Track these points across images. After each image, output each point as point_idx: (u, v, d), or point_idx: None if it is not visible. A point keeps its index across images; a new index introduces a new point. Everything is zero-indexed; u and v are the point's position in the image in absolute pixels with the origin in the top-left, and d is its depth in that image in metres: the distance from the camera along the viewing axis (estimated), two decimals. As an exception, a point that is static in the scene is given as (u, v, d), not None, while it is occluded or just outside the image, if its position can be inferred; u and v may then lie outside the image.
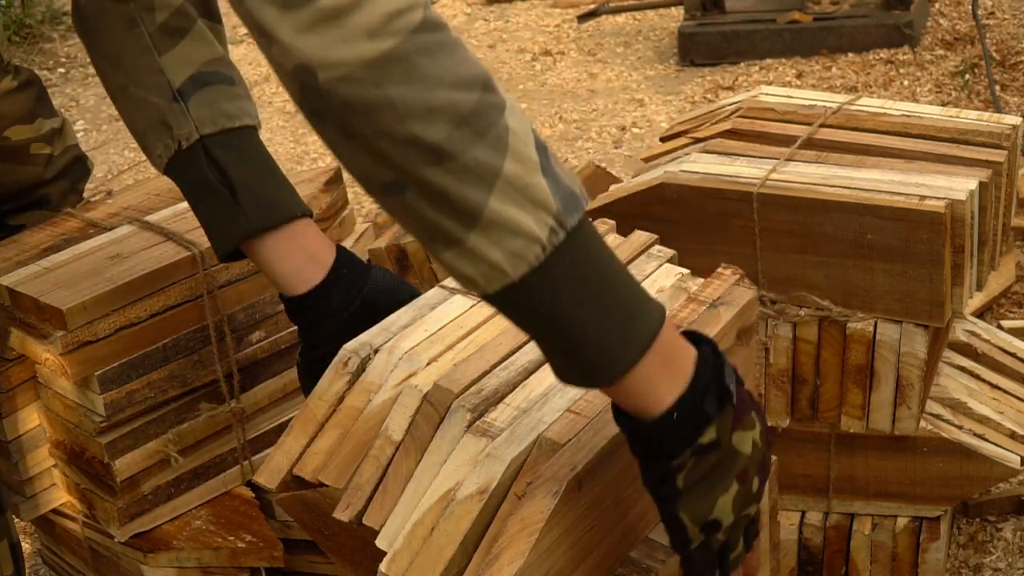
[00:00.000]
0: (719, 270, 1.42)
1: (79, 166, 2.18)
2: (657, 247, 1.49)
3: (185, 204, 1.83)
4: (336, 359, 1.36)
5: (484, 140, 0.97)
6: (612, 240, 1.52)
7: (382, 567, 1.15)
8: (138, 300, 1.69)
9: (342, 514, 1.23)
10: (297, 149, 4.43)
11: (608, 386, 1.05)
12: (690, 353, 1.07)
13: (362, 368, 1.33)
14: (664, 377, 1.04)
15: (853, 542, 1.95)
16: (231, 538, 1.76)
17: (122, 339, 1.68)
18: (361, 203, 3.83)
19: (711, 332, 1.31)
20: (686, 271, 1.44)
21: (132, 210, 1.94)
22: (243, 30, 5.91)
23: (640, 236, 1.50)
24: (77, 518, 1.86)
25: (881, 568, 1.96)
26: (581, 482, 1.15)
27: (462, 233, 0.98)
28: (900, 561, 1.95)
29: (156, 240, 1.80)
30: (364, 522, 1.22)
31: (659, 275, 1.44)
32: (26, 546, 2.38)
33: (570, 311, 1.00)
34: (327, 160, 4.29)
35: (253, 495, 1.87)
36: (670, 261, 1.47)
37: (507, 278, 0.99)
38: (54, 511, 1.89)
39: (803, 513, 1.97)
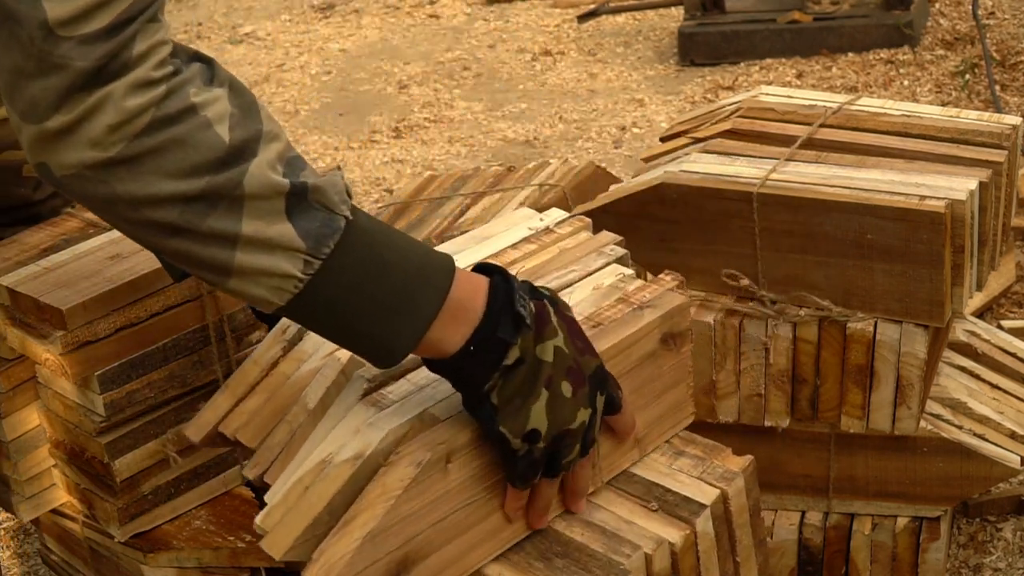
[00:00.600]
0: (661, 275, 1.44)
1: None
2: (612, 246, 1.51)
3: None
4: (276, 327, 1.41)
5: (216, 211, 1.10)
6: (579, 238, 1.54)
7: (257, 519, 1.22)
8: (138, 300, 1.69)
9: (250, 472, 1.30)
10: (297, 149, 4.43)
11: (419, 353, 1.19)
12: (481, 291, 1.19)
13: (299, 337, 1.38)
14: (454, 326, 1.17)
15: (853, 542, 1.95)
16: (231, 538, 1.76)
17: (122, 339, 1.68)
18: (361, 203, 3.83)
19: (628, 331, 1.35)
20: (629, 271, 1.47)
21: (132, 210, 1.94)
22: (243, 29, 5.91)
23: (604, 236, 1.53)
24: (77, 518, 1.86)
25: (881, 568, 1.96)
26: (450, 456, 1.20)
27: (222, 280, 1.13)
28: (900, 561, 1.95)
29: None
30: (265, 480, 1.28)
31: (602, 273, 1.47)
32: (26, 546, 2.38)
33: (345, 317, 1.15)
34: (327, 160, 4.29)
35: (253, 495, 1.87)
36: (621, 261, 1.48)
37: (275, 305, 1.13)
38: (54, 511, 1.89)
39: (803, 513, 1.97)
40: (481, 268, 1.24)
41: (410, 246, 1.19)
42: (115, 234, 1.85)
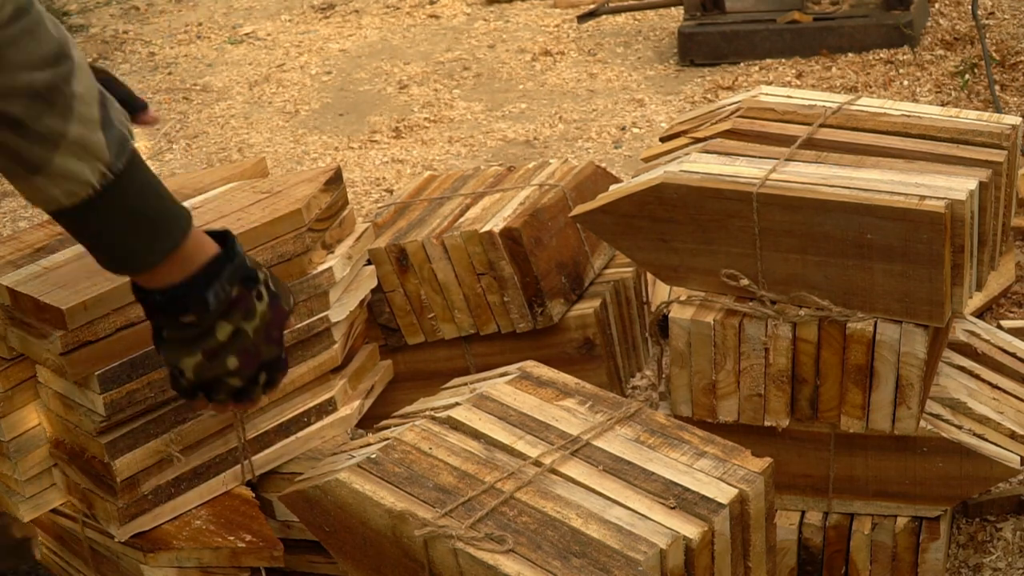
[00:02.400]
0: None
1: None
2: None
3: (192, 201, 1.92)
4: None
5: (53, 109, 1.25)
6: None
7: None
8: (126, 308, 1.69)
9: None
10: (297, 149, 4.43)
11: (134, 276, 1.44)
12: (203, 257, 1.44)
13: None
14: (167, 272, 1.42)
15: (853, 542, 1.95)
16: (231, 538, 1.76)
17: (122, 339, 1.68)
18: (361, 203, 3.83)
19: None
20: None
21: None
22: (243, 29, 5.91)
23: None
24: (77, 518, 1.86)
25: (881, 568, 1.96)
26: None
27: (28, 175, 1.29)
28: (900, 561, 1.95)
29: None
30: None
31: None
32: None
33: (111, 228, 1.36)
34: (327, 160, 4.29)
35: (253, 495, 1.87)
36: None
37: (62, 206, 1.32)
38: (54, 511, 1.89)
39: (803, 513, 1.97)
40: (220, 236, 1.48)
41: (161, 190, 1.41)
42: None
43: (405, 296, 2.34)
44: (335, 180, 2.03)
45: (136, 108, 1.80)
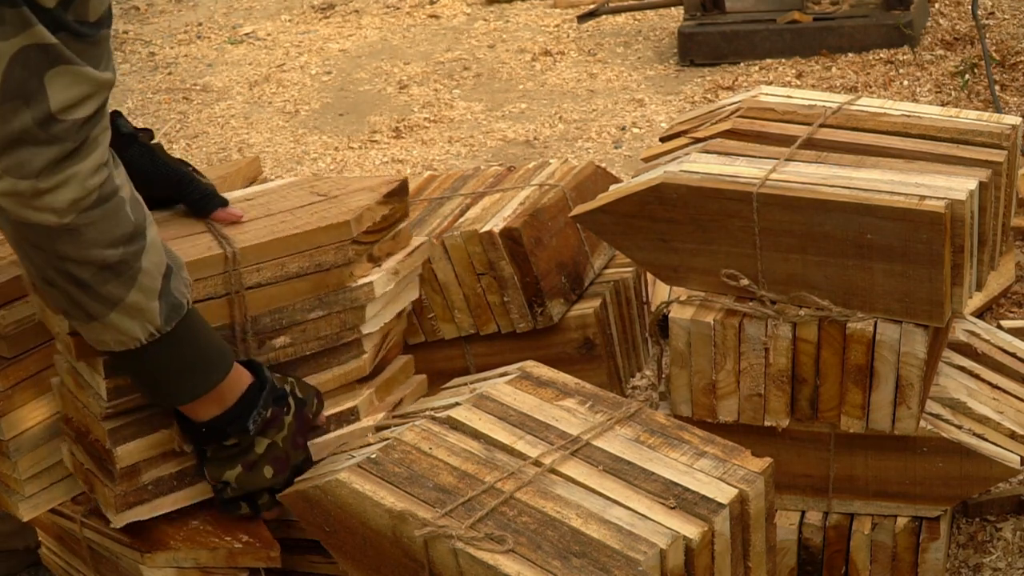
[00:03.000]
0: None
1: None
2: None
3: (246, 191, 2.01)
4: None
5: (119, 279, 1.49)
6: None
7: None
8: None
9: None
10: (297, 149, 4.43)
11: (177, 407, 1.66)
12: (239, 389, 1.66)
13: None
14: (209, 407, 1.64)
15: (853, 542, 1.95)
16: (228, 538, 1.76)
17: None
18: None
19: None
20: None
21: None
22: (243, 29, 5.91)
23: None
24: (77, 518, 1.86)
25: (881, 568, 1.96)
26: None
27: (83, 321, 1.53)
28: (900, 561, 1.95)
29: (195, 230, 1.79)
30: None
31: None
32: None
33: (156, 373, 1.60)
34: (327, 160, 4.29)
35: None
36: None
37: (110, 350, 1.56)
38: (54, 511, 1.89)
39: (803, 513, 1.97)
40: (251, 366, 1.69)
41: (212, 335, 1.63)
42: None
43: (405, 296, 2.34)
44: (398, 192, 1.92)
45: (215, 205, 1.82)
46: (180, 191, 1.81)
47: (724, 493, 1.47)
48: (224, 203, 1.83)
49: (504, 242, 2.24)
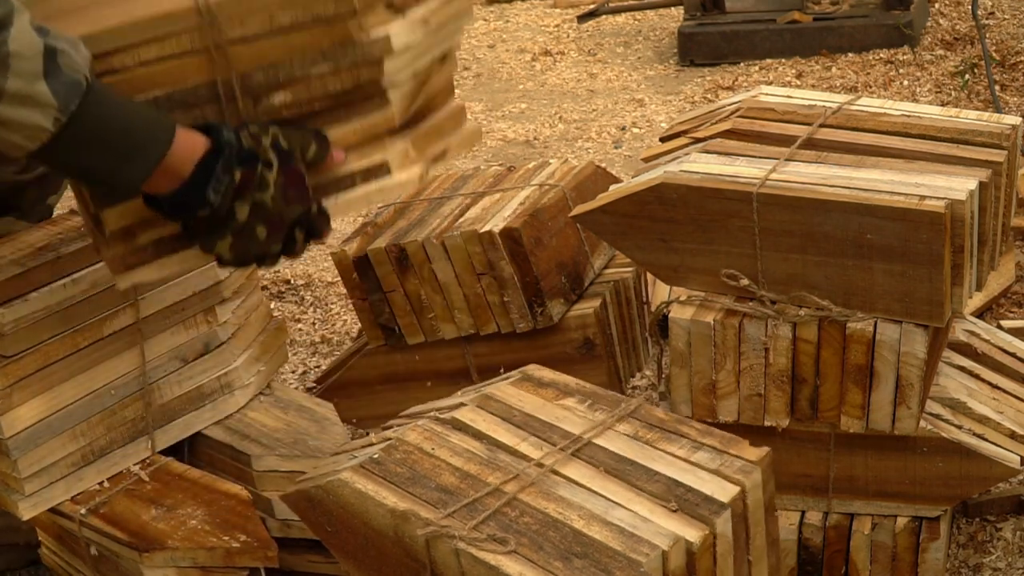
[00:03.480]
0: None
1: (53, 177, 2.14)
2: None
3: None
4: None
5: None
6: None
7: None
8: (128, 48, 1.52)
9: None
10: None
11: (132, 195, 1.54)
12: (196, 154, 1.51)
13: None
14: (167, 180, 1.51)
15: (853, 542, 1.95)
16: (226, 538, 1.76)
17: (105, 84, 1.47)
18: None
19: None
20: None
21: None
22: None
23: None
24: (76, 518, 1.86)
25: (881, 568, 1.96)
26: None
27: None
28: (900, 561, 1.95)
29: None
30: None
31: None
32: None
33: (86, 159, 1.46)
34: (327, 160, 4.29)
35: (249, 495, 1.88)
36: None
37: (27, 150, 1.43)
38: (53, 511, 1.89)
39: (803, 513, 1.97)
40: (206, 127, 1.53)
41: (139, 109, 1.50)
42: None
43: (405, 296, 2.34)
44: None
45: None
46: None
47: (725, 491, 1.47)
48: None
49: (504, 242, 2.24)
